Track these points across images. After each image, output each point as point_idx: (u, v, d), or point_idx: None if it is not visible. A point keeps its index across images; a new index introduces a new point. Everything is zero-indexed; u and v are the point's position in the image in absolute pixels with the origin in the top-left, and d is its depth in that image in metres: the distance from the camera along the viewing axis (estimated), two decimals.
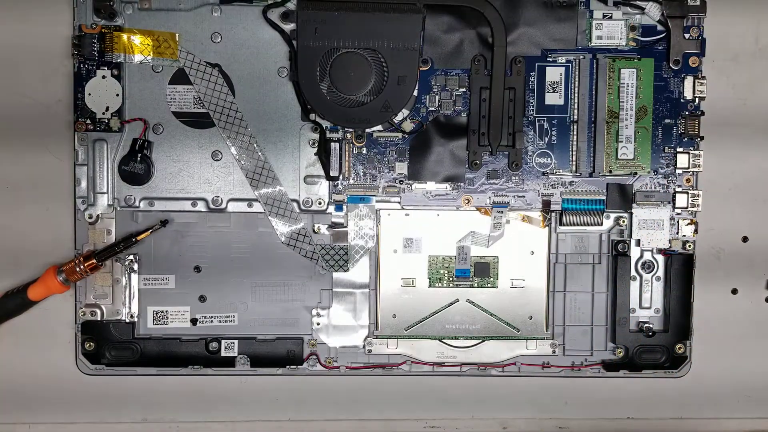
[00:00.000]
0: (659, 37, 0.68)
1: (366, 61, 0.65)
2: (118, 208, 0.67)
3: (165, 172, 0.67)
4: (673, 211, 0.69)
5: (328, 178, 0.68)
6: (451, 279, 0.69)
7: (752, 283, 0.73)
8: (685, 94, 0.68)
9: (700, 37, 0.68)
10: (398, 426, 0.73)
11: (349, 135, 0.68)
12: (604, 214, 0.69)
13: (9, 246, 0.69)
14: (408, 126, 0.68)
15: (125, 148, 0.67)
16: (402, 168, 0.68)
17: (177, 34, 0.66)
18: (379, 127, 0.68)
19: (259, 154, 0.67)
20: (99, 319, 0.68)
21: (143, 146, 0.66)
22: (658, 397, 0.73)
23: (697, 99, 0.68)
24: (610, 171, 0.68)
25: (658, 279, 0.70)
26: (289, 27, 0.67)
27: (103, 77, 0.66)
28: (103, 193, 0.67)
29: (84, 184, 0.67)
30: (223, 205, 0.68)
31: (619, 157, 0.68)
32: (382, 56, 0.65)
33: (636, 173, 0.68)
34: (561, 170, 0.69)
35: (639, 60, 0.68)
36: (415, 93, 0.67)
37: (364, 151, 0.68)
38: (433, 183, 0.68)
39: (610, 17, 0.67)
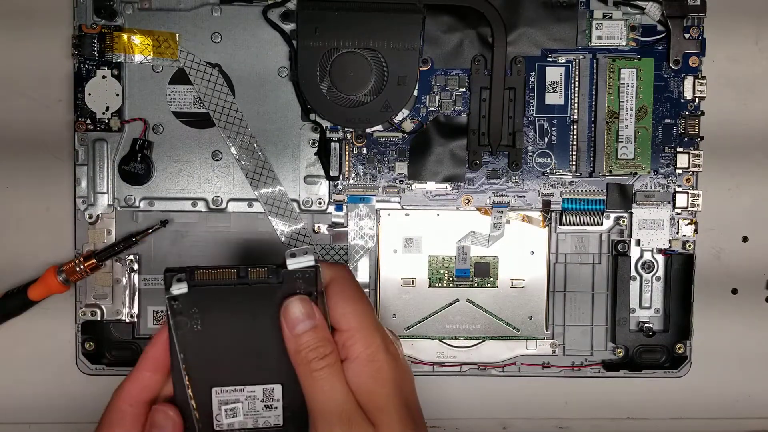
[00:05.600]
0: (659, 37, 0.68)
1: (366, 61, 0.65)
2: (118, 208, 0.67)
3: (165, 172, 0.67)
4: (673, 211, 0.69)
5: (328, 178, 0.68)
6: (451, 279, 0.69)
7: (752, 283, 0.73)
8: (685, 94, 0.68)
9: (700, 37, 0.68)
10: None
11: (349, 135, 0.68)
12: (604, 214, 0.69)
13: (9, 246, 0.69)
14: (408, 126, 0.68)
15: (125, 148, 0.67)
16: (402, 168, 0.68)
17: (177, 34, 0.66)
18: (379, 127, 0.68)
19: (259, 154, 0.67)
20: (99, 319, 0.68)
21: (143, 146, 0.66)
22: (658, 397, 0.73)
23: (697, 99, 0.68)
24: (610, 171, 0.68)
25: (658, 279, 0.70)
26: (289, 27, 0.67)
27: (103, 77, 0.66)
28: (103, 193, 0.67)
29: (84, 184, 0.67)
30: (223, 205, 0.68)
31: (619, 157, 0.68)
32: (382, 56, 0.65)
33: (636, 173, 0.68)
34: (561, 170, 0.69)
35: (639, 60, 0.68)
36: (415, 93, 0.67)
37: (364, 151, 0.68)
38: (433, 183, 0.68)
39: (610, 17, 0.67)
